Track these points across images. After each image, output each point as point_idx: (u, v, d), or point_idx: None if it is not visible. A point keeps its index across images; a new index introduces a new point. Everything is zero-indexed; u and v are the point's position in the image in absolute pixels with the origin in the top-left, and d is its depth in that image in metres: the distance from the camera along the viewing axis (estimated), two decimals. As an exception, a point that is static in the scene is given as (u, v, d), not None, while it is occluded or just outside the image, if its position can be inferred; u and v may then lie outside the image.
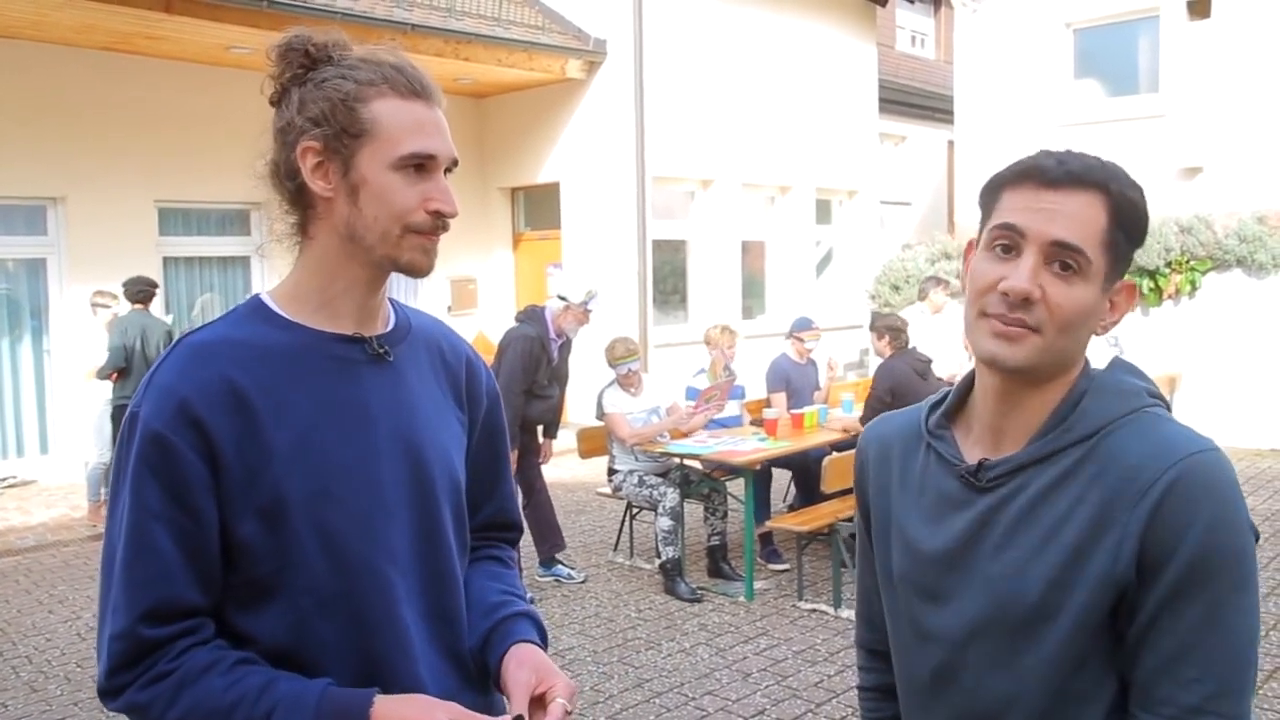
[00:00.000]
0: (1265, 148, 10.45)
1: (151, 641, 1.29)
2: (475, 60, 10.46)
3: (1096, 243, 1.19)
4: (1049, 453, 1.23)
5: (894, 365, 6.40)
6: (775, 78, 12.69)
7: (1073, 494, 1.20)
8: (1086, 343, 1.25)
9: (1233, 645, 1.13)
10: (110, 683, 1.30)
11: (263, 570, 1.33)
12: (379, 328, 1.48)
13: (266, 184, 1.43)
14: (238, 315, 1.44)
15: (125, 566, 1.29)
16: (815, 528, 5.81)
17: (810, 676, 4.83)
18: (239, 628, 1.36)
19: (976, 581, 1.27)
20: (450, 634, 1.49)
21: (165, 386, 1.32)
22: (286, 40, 1.39)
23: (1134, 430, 1.20)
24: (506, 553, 1.71)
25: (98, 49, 9.31)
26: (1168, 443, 1.17)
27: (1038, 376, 1.24)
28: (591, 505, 8.35)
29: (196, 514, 1.30)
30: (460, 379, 1.58)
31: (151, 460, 1.29)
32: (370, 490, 1.39)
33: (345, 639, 1.37)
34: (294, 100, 1.38)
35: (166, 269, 10.10)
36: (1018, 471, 1.25)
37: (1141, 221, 1.23)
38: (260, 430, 1.33)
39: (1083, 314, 1.20)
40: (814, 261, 13.85)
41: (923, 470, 1.36)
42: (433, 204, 1.38)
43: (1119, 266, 1.22)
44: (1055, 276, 1.19)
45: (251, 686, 1.29)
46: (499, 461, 1.67)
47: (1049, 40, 11.85)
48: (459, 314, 12.26)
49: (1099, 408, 1.23)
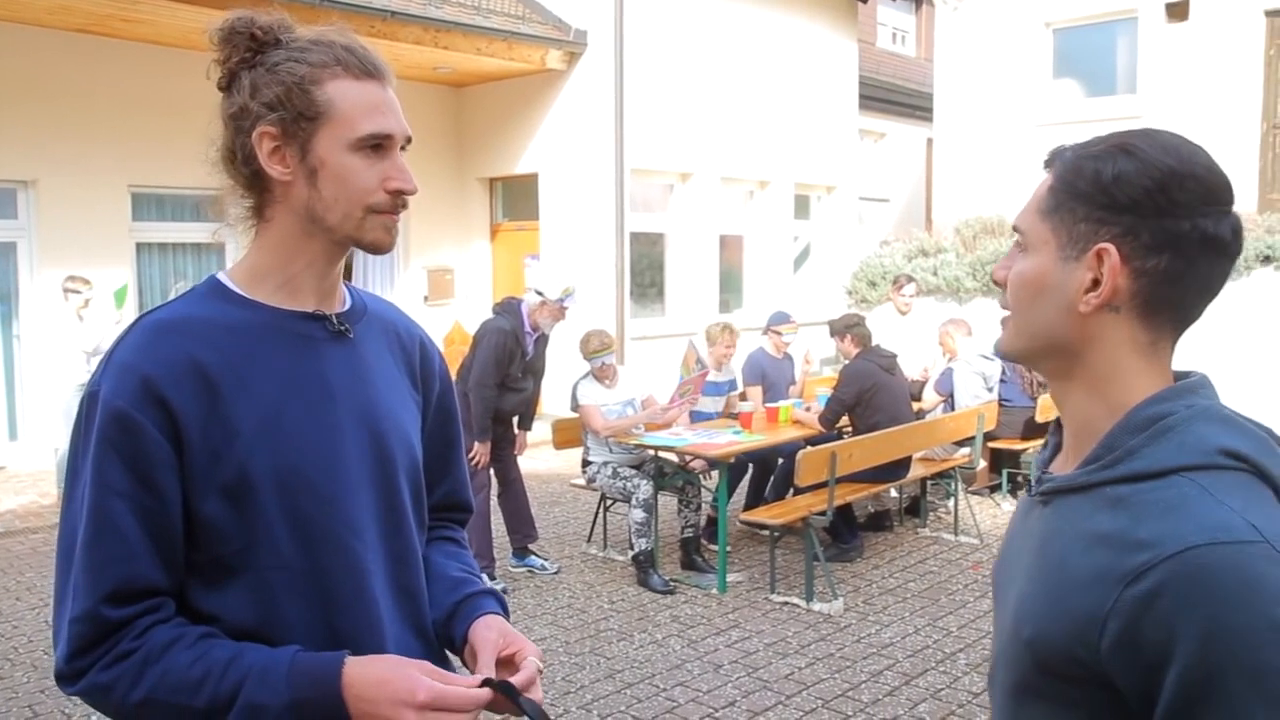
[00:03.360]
0: (1239, 151, 10.54)
1: (114, 622, 1.27)
2: (454, 49, 10.41)
3: (1033, 212, 1.15)
4: (1088, 484, 1.09)
5: (860, 367, 6.43)
6: (756, 72, 12.70)
7: (1087, 538, 1.06)
8: (1081, 328, 1.11)
9: None
10: (70, 666, 1.28)
11: (228, 549, 1.33)
12: (337, 306, 1.49)
13: (219, 170, 1.43)
14: (197, 295, 1.43)
15: (87, 547, 1.28)
16: (788, 521, 5.83)
17: (781, 669, 4.84)
18: (202, 607, 1.35)
19: (1009, 606, 1.18)
20: (414, 608, 1.50)
21: (127, 364, 1.31)
22: (229, 23, 1.37)
23: (1167, 496, 1.02)
24: (459, 533, 1.73)
25: (73, 31, 9.20)
26: (1183, 525, 0.98)
27: (1048, 369, 1.18)
28: (565, 497, 8.34)
29: (160, 493, 1.29)
30: (415, 360, 1.59)
31: (114, 438, 1.28)
32: (335, 467, 1.39)
33: (313, 615, 1.37)
34: (245, 85, 1.37)
35: (140, 254, 10.00)
36: (1059, 494, 1.14)
37: (1090, 176, 1.09)
38: (224, 408, 1.32)
39: (1027, 286, 1.14)
40: (792, 256, 13.87)
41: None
42: (392, 183, 1.39)
43: (1079, 229, 1.10)
44: (1018, 257, 1.17)
45: (218, 659, 1.28)
46: (452, 444, 1.68)
47: (1028, 40, 11.91)
48: (435, 304, 12.21)
49: (1149, 454, 1.05)
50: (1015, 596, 1.15)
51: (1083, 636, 1.02)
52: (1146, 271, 1.08)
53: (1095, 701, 1.05)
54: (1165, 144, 1.10)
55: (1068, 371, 1.15)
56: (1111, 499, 1.05)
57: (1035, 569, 1.13)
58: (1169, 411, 1.07)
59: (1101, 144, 1.11)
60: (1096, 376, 1.12)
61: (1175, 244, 1.08)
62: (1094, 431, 1.12)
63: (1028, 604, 1.11)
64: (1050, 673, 1.07)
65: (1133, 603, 0.98)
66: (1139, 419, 1.08)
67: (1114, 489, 1.06)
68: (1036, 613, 1.09)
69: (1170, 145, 1.10)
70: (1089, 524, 1.06)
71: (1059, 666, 1.06)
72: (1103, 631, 1.00)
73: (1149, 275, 1.08)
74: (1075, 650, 1.03)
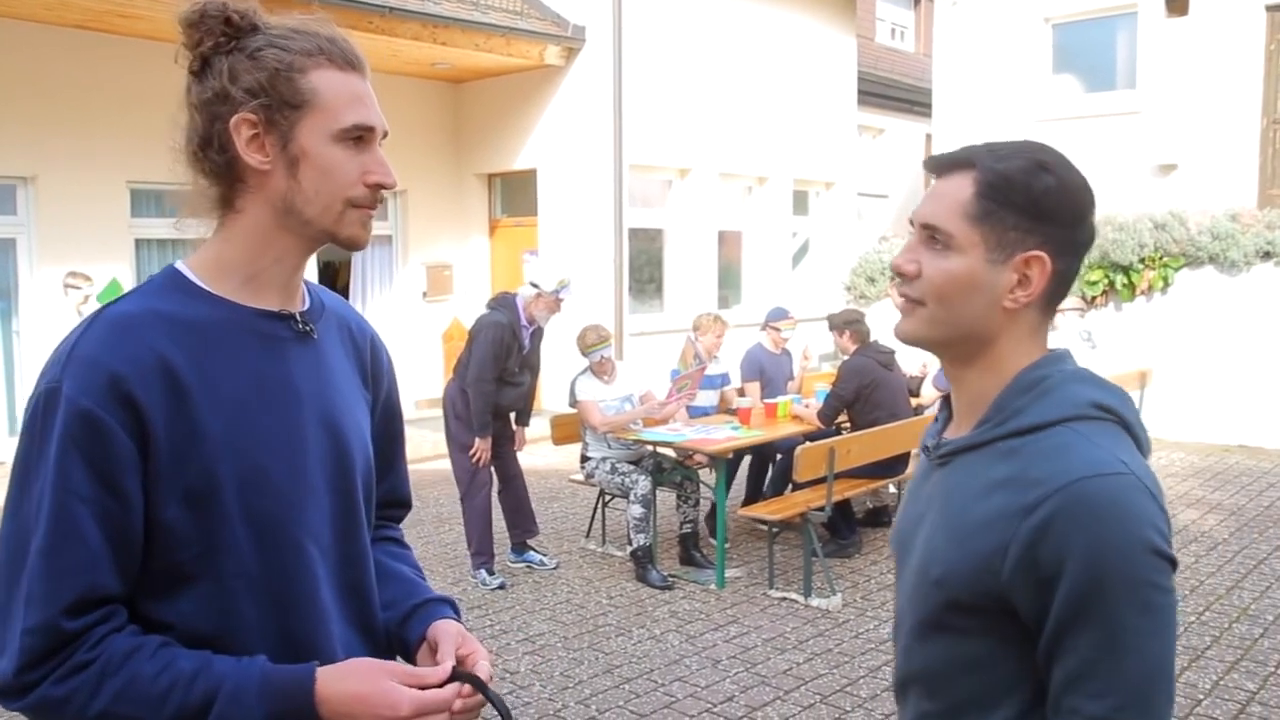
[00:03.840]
0: (1239, 146, 10.54)
1: (71, 633, 1.21)
2: (453, 45, 10.39)
3: (958, 216, 1.27)
4: (982, 441, 1.28)
5: (858, 364, 6.43)
6: (754, 68, 12.68)
7: (986, 486, 1.24)
8: (1001, 320, 1.28)
9: (1139, 666, 1.14)
10: (19, 680, 1.20)
11: (185, 555, 1.29)
12: (299, 304, 1.46)
13: (183, 157, 1.38)
14: (155, 286, 1.37)
15: (46, 554, 1.21)
16: (786, 517, 5.83)
17: (779, 664, 4.85)
18: (153, 615, 1.30)
19: (914, 555, 1.35)
20: (363, 608, 1.49)
21: (91, 360, 1.25)
22: (200, 7, 1.32)
23: (1052, 443, 1.22)
24: (399, 532, 1.73)
25: (71, 27, 9.19)
26: (1068, 463, 1.18)
27: (954, 353, 1.33)
28: (564, 492, 8.35)
29: (124, 498, 1.24)
30: (365, 358, 1.58)
31: (78, 439, 1.22)
32: (297, 471, 1.37)
33: (266, 619, 1.34)
34: (222, 70, 1.32)
35: (139, 251, 9.99)
36: (958, 454, 1.32)
37: (1022, 189, 1.24)
38: (191, 409, 1.28)
39: (957, 284, 1.27)
40: (791, 252, 13.86)
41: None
42: (372, 176, 1.37)
43: (1009, 236, 1.25)
44: (931, 252, 1.29)
45: (184, 670, 1.24)
46: (395, 441, 1.68)
47: (1028, 35, 11.89)
48: (434, 300, 12.21)
49: (1035, 410, 1.25)
50: (921, 546, 1.33)
51: (988, 567, 1.21)
52: (1057, 273, 1.27)
53: (995, 629, 1.23)
54: (1062, 159, 1.28)
55: (973, 356, 1.31)
56: (1005, 451, 1.25)
57: (940, 520, 1.30)
58: (1047, 375, 1.27)
59: (1018, 157, 1.26)
60: (998, 357, 1.30)
61: (1077, 249, 1.29)
62: (987, 399, 1.30)
63: (937, 549, 1.28)
64: (955, 606, 1.25)
65: (1030, 531, 1.17)
66: (1023, 382, 1.28)
67: (1007, 443, 1.25)
68: (945, 554, 1.26)
69: (1065, 160, 1.28)
70: (988, 474, 1.25)
71: (965, 599, 1.24)
72: (1005, 559, 1.19)
73: (1057, 275, 1.27)
74: (981, 581, 1.21)
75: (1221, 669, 4.74)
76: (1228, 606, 5.55)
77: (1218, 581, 5.95)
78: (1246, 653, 4.92)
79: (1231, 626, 5.26)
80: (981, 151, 1.28)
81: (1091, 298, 10.66)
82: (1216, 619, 5.37)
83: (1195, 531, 7.00)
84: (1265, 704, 4.37)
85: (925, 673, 1.33)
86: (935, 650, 1.30)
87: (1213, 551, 6.53)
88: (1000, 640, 1.24)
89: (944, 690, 1.30)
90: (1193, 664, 4.79)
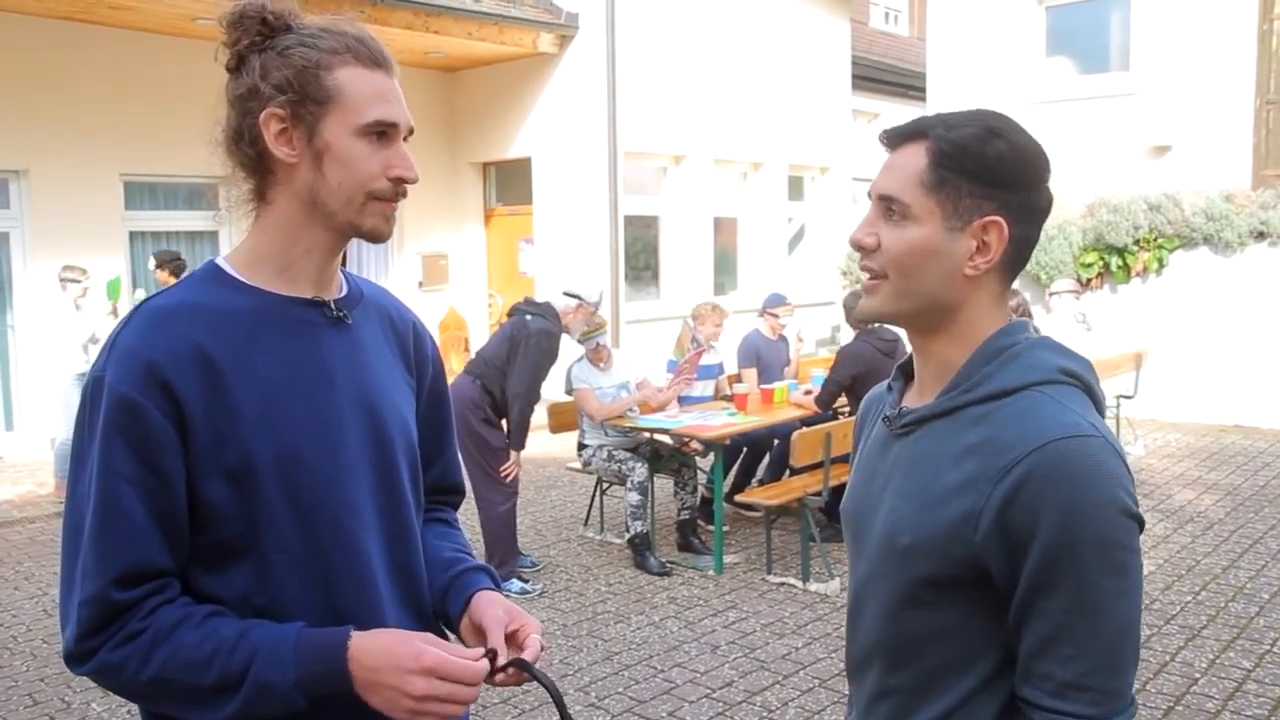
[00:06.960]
0: (1233, 127, 10.52)
1: (122, 604, 1.30)
2: (445, 34, 10.36)
3: (914, 185, 1.27)
4: (950, 408, 1.29)
5: (857, 349, 6.41)
6: (748, 53, 12.65)
7: (956, 452, 1.25)
8: (964, 288, 1.28)
9: (1108, 627, 1.16)
10: (81, 646, 1.30)
11: (231, 531, 1.36)
12: (335, 292, 1.52)
13: (222, 151, 1.45)
14: (195, 280, 1.45)
15: (95, 531, 1.30)
16: (784, 502, 5.84)
17: (778, 649, 4.86)
18: (206, 589, 1.37)
19: (876, 526, 1.35)
20: (413, 588, 1.54)
21: (131, 350, 1.33)
22: (240, 7, 1.40)
23: (1023, 406, 1.23)
24: (451, 515, 1.77)
25: (59, 19, 9.15)
26: (1041, 425, 1.19)
27: (920, 324, 1.33)
28: (562, 480, 8.36)
29: (165, 477, 1.32)
30: (409, 345, 1.63)
31: (120, 424, 1.30)
32: (334, 450, 1.42)
33: (314, 596, 1.40)
34: (255, 67, 1.39)
35: (133, 243, 9.98)
36: (923, 422, 1.32)
37: (975, 156, 1.25)
38: (227, 393, 1.35)
39: (916, 253, 1.27)
40: (786, 238, 13.86)
41: (876, 422, 1.47)
42: (395, 170, 1.42)
43: (965, 204, 1.26)
44: (889, 224, 1.30)
45: (226, 637, 1.31)
46: (444, 427, 1.72)
47: (1021, 17, 11.86)
48: (430, 289, 12.20)
49: (1003, 375, 1.26)
50: (885, 516, 1.32)
51: (960, 534, 1.21)
52: (1015, 238, 1.27)
53: (964, 597, 1.24)
54: (1014, 125, 1.28)
55: (938, 325, 1.31)
56: (975, 417, 1.26)
57: (906, 489, 1.30)
58: (1013, 342, 1.29)
59: (971, 125, 1.26)
60: (963, 326, 1.30)
61: (1035, 214, 1.29)
62: (953, 367, 1.31)
63: (904, 518, 1.28)
64: (925, 574, 1.25)
65: (1004, 492, 1.18)
66: (990, 349, 1.29)
67: (977, 408, 1.26)
68: (914, 522, 1.27)
69: (1017, 126, 1.29)
70: (958, 441, 1.26)
71: (936, 567, 1.24)
72: (979, 522, 1.20)
73: (1016, 241, 1.28)
74: (953, 547, 1.22)
75: (1218, 648, 4.76)
76: (1224, 586, 5.58)
77: (1214, 561, 5.98)
78: (1242, 631, 4.95)
79: (1228, 605, 5.28)
80: (934, 121, 1.29)
81: (1086, 280, 10.67)
82: (1213, 598, 5.39)
83: (1191, 511, 7.02)
84: (1260, 681, 4.40)
85: (891, 645, 1.33)
86: (902, 622, 1.30)
87: (1209, 531, 6.56)
88: (969, 609, 1.24)
89: (909, 662, 1.31)
90: (1189, 643, 4.81)
